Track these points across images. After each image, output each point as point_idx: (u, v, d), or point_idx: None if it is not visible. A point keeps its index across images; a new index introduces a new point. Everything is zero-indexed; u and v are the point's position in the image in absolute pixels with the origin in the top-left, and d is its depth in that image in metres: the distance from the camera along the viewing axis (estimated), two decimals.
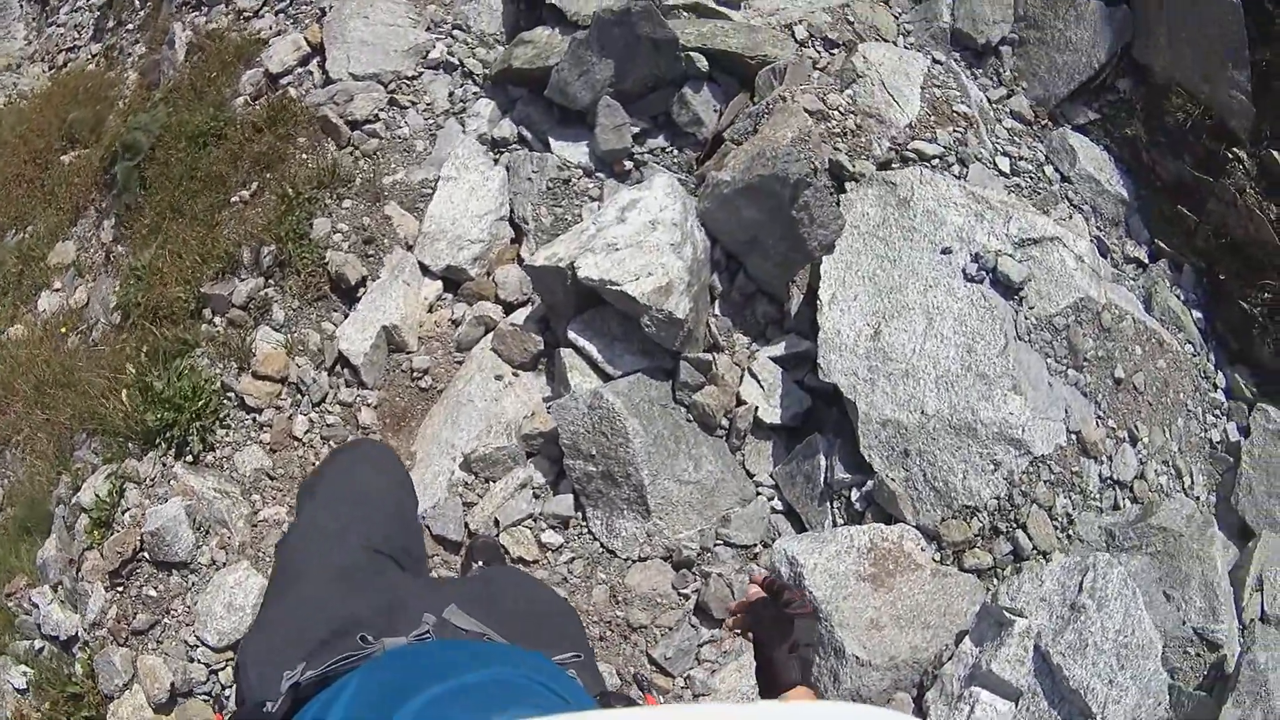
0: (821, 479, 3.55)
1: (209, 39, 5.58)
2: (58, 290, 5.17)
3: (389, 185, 4.26)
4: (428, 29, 5.01)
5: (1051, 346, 3.63)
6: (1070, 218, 4.31)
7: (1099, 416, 3.61)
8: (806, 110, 3.98)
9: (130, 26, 7.28)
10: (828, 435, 3.61)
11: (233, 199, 4.43)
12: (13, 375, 4.82)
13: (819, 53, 4.39)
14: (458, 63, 4.84)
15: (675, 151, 4.22)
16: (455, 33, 5.02)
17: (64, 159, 5.98)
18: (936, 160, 4.03)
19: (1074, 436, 3.53)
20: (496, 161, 4.37)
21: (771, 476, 3.64)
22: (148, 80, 5.99)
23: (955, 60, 4.55)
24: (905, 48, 4.52)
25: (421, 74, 4.79)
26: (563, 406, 3.38)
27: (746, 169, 3.60)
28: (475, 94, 4.71)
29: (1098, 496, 3.56)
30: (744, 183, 3.60)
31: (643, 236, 3.50)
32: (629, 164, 4.18)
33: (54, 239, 5.49)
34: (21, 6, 13.45)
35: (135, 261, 4.47)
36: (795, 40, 4.39)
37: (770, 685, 1.24)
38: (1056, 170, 4.42)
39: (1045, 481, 3.51)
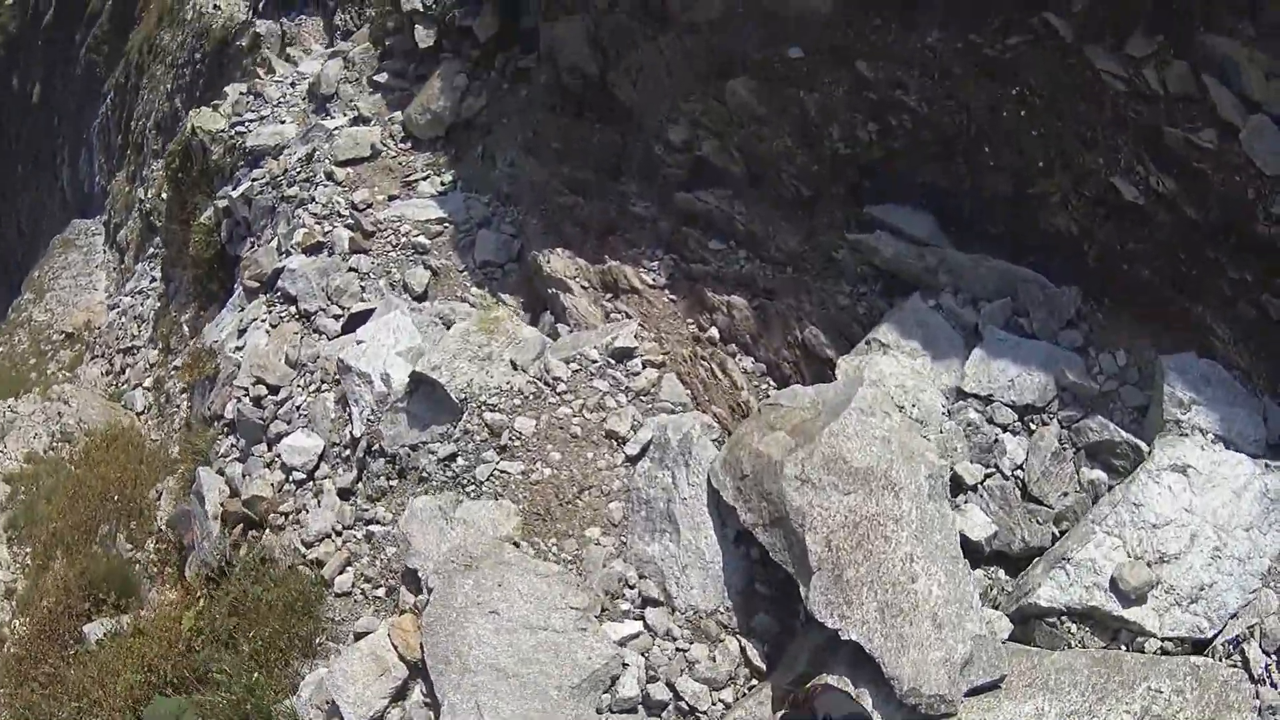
0: None
1: (245, 533, 3.67)
2: None
3: None
4: (604, 612, 3.00)
5: None
6: None
7: None
8: None
9: (177, 364, 6.82)
10: None
11: None
12: None
13: None
14: (668, 698, 2.83)
15: None
16: (649, 612, 3.05)
17: (86, 630, 4.72)
18: None
19: None
20: None
21: None
22: (179, 535, 4.61)
23: None
24: None
25: None
26: None
27: None
28: None
29: None
30: None
31: None
32: None
33: None
34: (105, 253, 12.06)
35: None
36: None
37: None
38: None
39: None
